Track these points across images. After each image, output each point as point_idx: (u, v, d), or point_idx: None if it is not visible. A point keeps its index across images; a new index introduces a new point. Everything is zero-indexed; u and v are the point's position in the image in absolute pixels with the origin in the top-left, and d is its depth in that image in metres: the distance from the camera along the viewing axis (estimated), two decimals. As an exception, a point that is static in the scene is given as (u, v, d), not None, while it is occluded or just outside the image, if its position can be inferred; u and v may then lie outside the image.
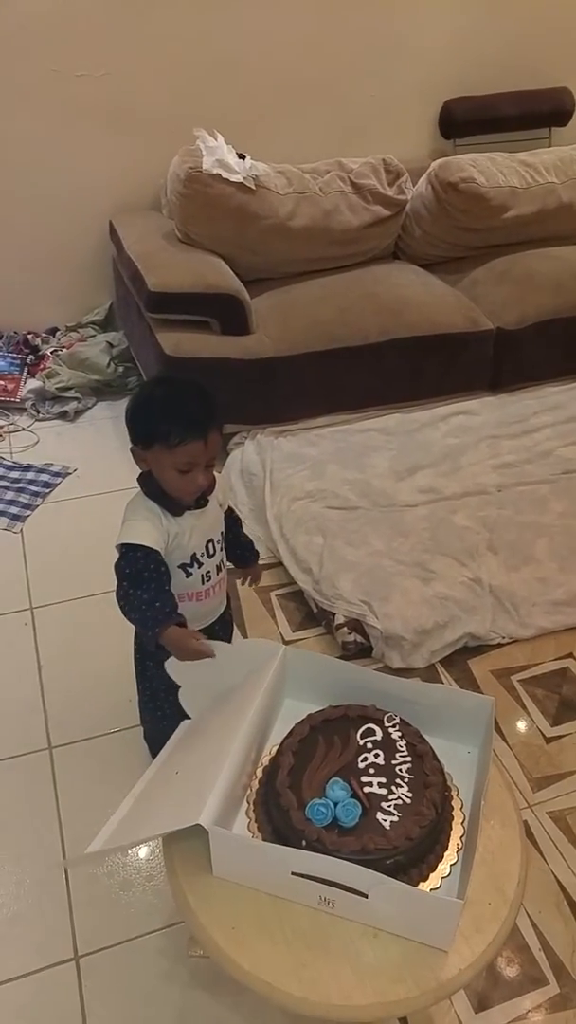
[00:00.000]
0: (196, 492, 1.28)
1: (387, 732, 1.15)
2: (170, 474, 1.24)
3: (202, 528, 1.34)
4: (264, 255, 2.71)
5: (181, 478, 1.24)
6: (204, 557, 1.36)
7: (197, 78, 2.82)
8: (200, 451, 1.22)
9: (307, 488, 2.36)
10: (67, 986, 1.36)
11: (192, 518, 1.32)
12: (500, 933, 1.00)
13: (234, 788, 1.09)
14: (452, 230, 2.91)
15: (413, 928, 0.98)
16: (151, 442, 1.23)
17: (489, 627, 2.00)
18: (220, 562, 1.42)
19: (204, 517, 1.34)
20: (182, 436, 1.20)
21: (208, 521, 1.36)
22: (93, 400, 2.93)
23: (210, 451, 1.24)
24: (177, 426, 1.20)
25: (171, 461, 1.22)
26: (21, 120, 2.70)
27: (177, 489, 1.27)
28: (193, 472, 1.24)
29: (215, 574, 1.41)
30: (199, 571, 1.36)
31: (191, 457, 1.22)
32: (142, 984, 1.38)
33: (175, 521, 1.29)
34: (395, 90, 3.09)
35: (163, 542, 1.28)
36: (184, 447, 1.21)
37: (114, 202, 2.92)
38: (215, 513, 1.38)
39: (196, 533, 1.33)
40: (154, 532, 1.27)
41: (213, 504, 1.36)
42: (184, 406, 1.22)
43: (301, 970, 0.97)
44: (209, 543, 1.37)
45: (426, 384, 2.75)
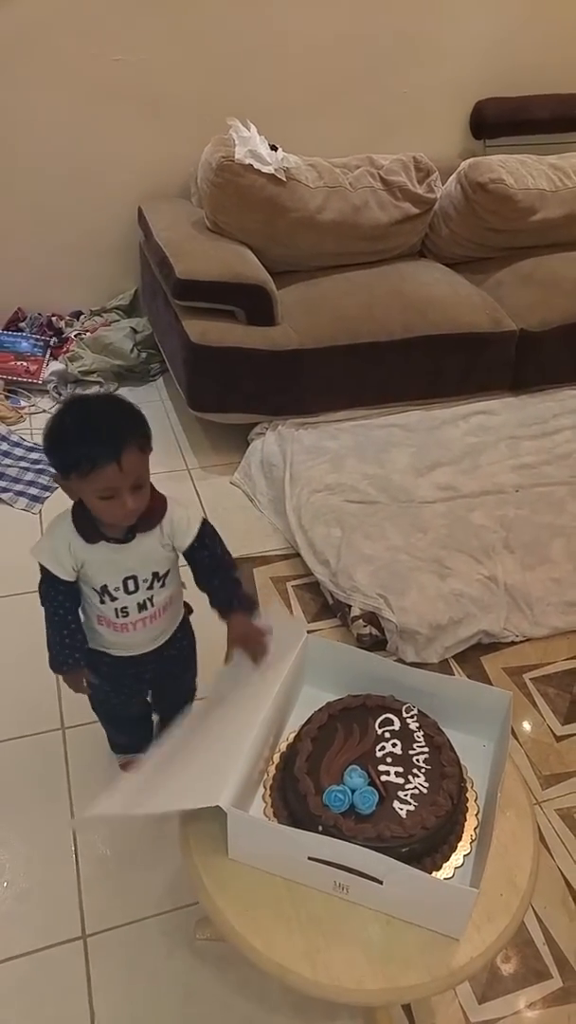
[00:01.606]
0: (129, 516, 1.17)
1: (405, 723, 1.16)
2: (94, 502, 1.15)
3: (119, 563, 1.23)
4: (292, 247, 2.71)
5: (106, 504, 1.14)
6: (119, 592, 1.26)
7: (232, 68, 2.81)
8: (115, 475, 1.11)
9: (327, 481, 2.37)
10: (74, 964, 1.38)
11: (107, 551, 1.21)
12: (511, 924, 1.02)
13: (252, 772, 1.10)
14: (479, 230, 2.91)
15: (426, 916, 0.99)
16: (67, 472, 1.14)
17: (503, 625, 2.01)
18: (148, 600, 1.29)
19: (125, 552, 1.22)
20: (92, 462, 1.10)
21: (132, 557, 1.24)
22: (115, 385, 2.94)
23: (129, 473, 1.12)
24: (85, 451, 1.10)
25: (90, 489, 1.13)
26: (57, 102, 2.70)
27: (107, 515, 1.17)
28: (117, 497, 1.13)
29: (136, 612, 1.29)
30: (112, 604, 1.27)
31: (107, 483, 1.12)
32: (149, 965, 1.39)
33: (86, 548, 1.21)
34: (428, 88, 3.08)
35: (70, 566, 1.22)
36: (97, 473, 1.10)
37: (144, 188, 2.92)
38: (150, 551, 1.25)
39: (108, 567, 1.23)
40: (58, 554, 1.21)
41: (148, 541, 1.24)
42: (91, 429, 1.12)
43: (314, 954, 0.98)
44: (130, 580, 1.25)
45: (448, 382, 2.75)
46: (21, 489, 2.40)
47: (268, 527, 2.38)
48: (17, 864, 1.52)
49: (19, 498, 2.37)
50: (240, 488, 2.54)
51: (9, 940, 1.41)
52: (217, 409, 2.59)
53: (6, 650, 1.92)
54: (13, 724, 1.76)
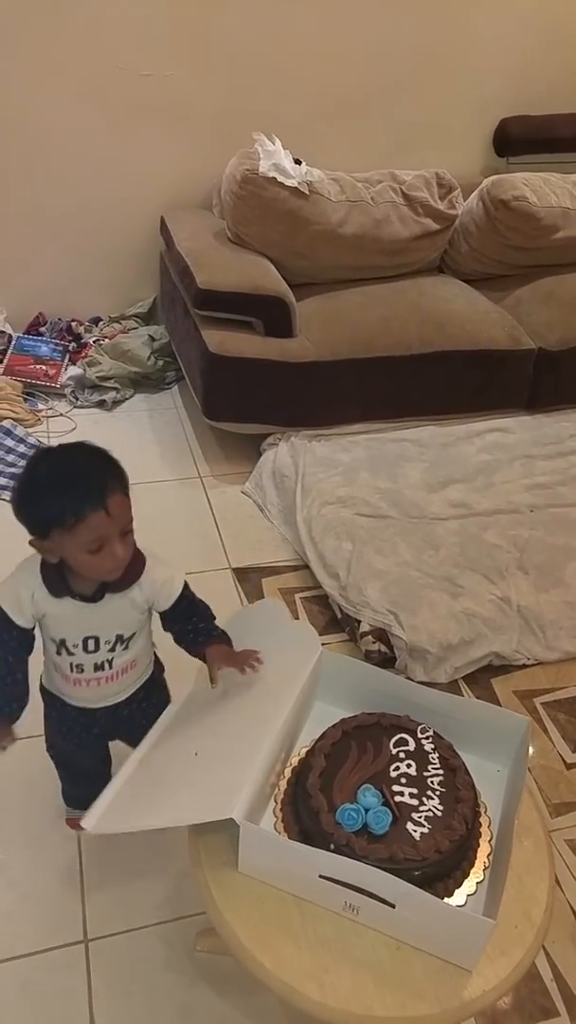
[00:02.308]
0: (119, 567, 1.11)
1: (420, 743, 1.15)
2: (82, 558, 1.07)
3: (82, 622, 1.17)
4: (312, 260, 2.72)
5: (95, 558, 1.07)
6: (77, 649, 1.19)
7: (258, 83, 2.83)
8: (104, 523, 1.04)
9: (338, 494, 2.36)
10: (75, 967, 1.37)
11: (72, 607, 1.15)
12: (525, 959, 1.00)
13: (264, 785, 1.09)
14: (500, 247, 2.91)
15: (438, 944, 0.98)
16: (47, 529, 1.06)
17: (515, 647, 1.99)
18: (107, 661, 1.22)
19: (91, 612, 1.16)
20: (78, 512, 1.03)
21: (98, 617, 1.17)
22: (131, 392, 2.95)
23: (117, 518, 1.06)
24: (69, 502, 1.03)
25: (76, 544, 1.05)
26: (84, 113, 2.72)
27: (96, 570, 1.10)
28: (106, 547, 1.06)
29: (92, 671, 1.22)
30: (68, 658, 1.21)
31: (96, 532, 1.05)
32: (149, 973, 1.38)
33: (50, 601, 1.14)
34: (452, 105, 3.09)
35: (30, 614, 1.15)
36: (84, 524, 1.03)
37: (167, 198, 2.93)
38: (118, 612, 1.18)
39: (70, 624, 1.17)
40: (20, 600, 1.14)
41: (119, 602, 1.17)
42: (72, 476, 1.06)
43: (322, 975, 0.97)
44: (91, 640, 1.19)
45: (463, 398, 2.75)
46: (34, 492, 2.39)
47: (278, 538, 2.37)
48: (21, 865, 1.51)
49: (32, 501, 2.36)
50: (251, 498, 2.53)
51: (12, 940, 1.40)
52: (232, 418, 2.59)
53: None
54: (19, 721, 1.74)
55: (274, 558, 2.30)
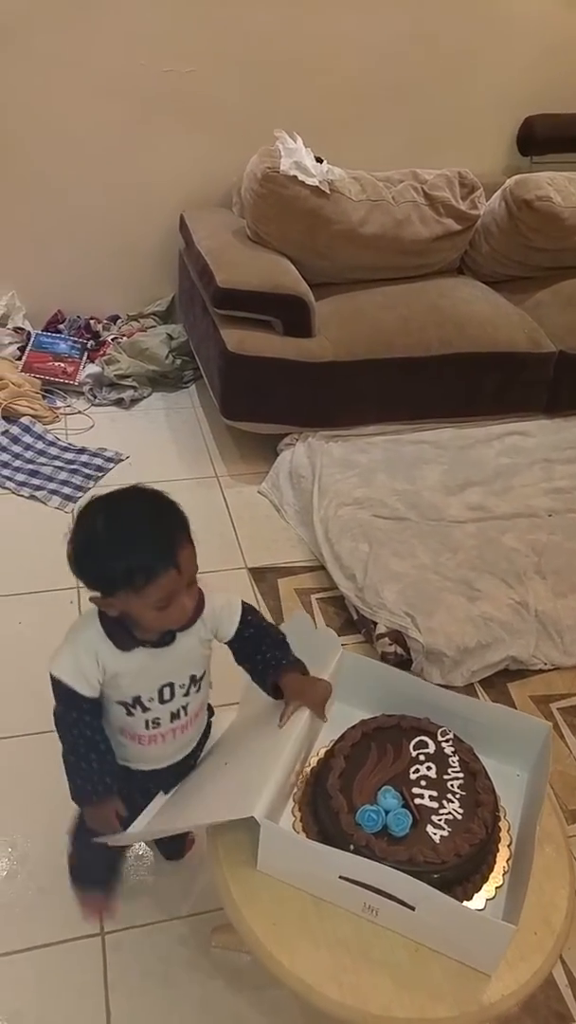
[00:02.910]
0: (185, 619, 1.06)
1: (440, 746, 1.15)
2: (149, 615, 1.02)
3: (157, 670, 1.09)
4: (332, 260, 2.71)
5: (163, 614, 1.02)
6: (153, 703, 1.11)
7: (279, 80, 2.83)
8: (175, 579, 0.99)
9: (355, 495, 2.35)
10: (92, 960, 1.38)
11: (145, 657, 1.07)
12: (545, 965, 0.99)
13: (283, 785, 1.09)
14: (521, 249, 2.89)
15: (458, 947, 0.97)
16: (113, 589, 1.00)
17: (532, 652, 1.98)
18: (182, 708, 1.15)
19: (165, 657, 1.08)
20: (149, 573, 0.97)
21: (171, 662, 1.10)
22: (149, 390, 2.95)
23: (187, 571, 1.01)
24: (138, 563, 0.97)
25: (143, 603, 0.99)
26: (104, 109, 2.72)
27: (162, 625, 1.05)
28: (175, 601, 1.01)
29: (169, 721, 1.14)
30: (143, 715, 1.12)
31: (167, 591, 0.99)
32: (164, 968, 1.38)
33: (119, 658, 1.05)
34: (475, 103, 3.08)
35: (96, 680, 1.06)
36: (155, 584, 0.97)
37: (186, 196, 2.94)
38: (189, 652, 1.11)
39: (145, 676, 1.08)
40: (83, 669, 1.05)
41: (189, 640, 1.10)
42: (139, 534, 0.99)
43: (341, 974, 0.97)
44: (166, 688, 1.11)
45: (482, 401, 2.73)
46: (55, 487, 2.40)
47: (294, 538, 2.37)
48: (40, 858, 1.52)
49: (53, 496, 2.37)
50: (267, 498, 2.53)
51: (30, 931, 1.41)
52: (249, 418, 2.59)
53: (33, 641, 1.91)
54: (36, 719, 1.74)
55: (290, 558, 2.30)
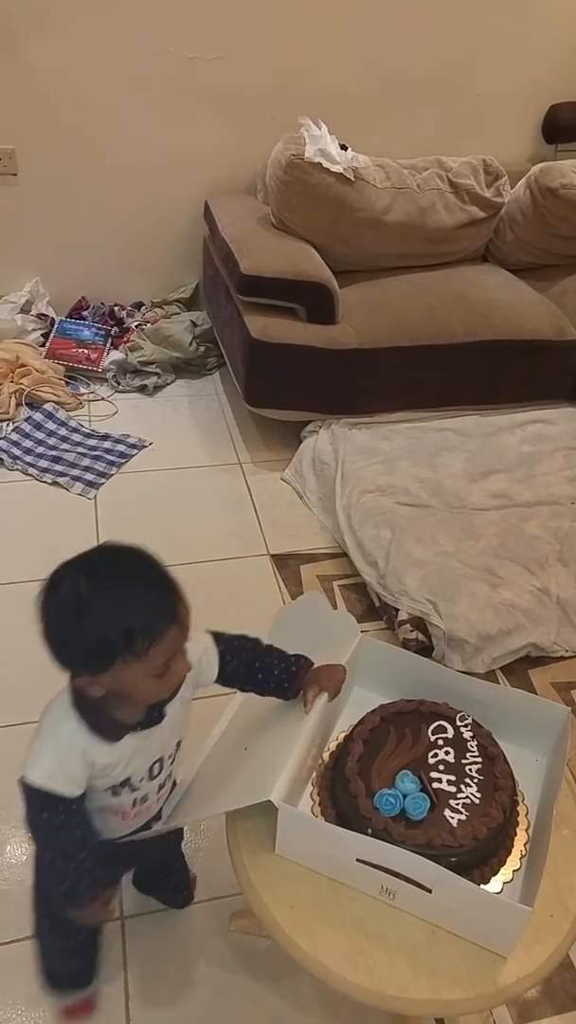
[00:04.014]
0: (180, 683, 0.97)
1: (459, 731, 1.15)
2: (145, 685, 0.91)
3: (149, 749, 1.00)
4: (356, 247, 2.70)
5: (160, 682, 0.91)
6: (143, 782, 1.02)
7: (305, 68, 2.81)
8: (177, 638, 0.90)
9: (378, 482, 2.35)
10: (111, 944, 1.39)
11: (136, 741, 0.97)
12: (561, 947, 0.99)
13: (301, 769, 1.10)
14: (546, 236, 2.86)
15: (474, 930, 0.98)
16: (107, 661, 0.86)
17: (553, 639, 1.98)
18: (168, 776, 1.08)
19: (155, 734, 0.99)
20: (152, 633, 0.86)
21: (162, 736, 1.00)
22: (172, 377, 2.97)
23: (186, 627, 0.91)
24: (140, 622, 0.86)
25: (142, 671, 0.88)
26: (130, 96, 2.73)
27: (158, 695, 0.95)
28: (174, 665, 0.91)
29: (155, 793, 1.07)
30: (131, 795, 1.03)
31: (170, 652, 0.89)
32: (183, 952, 1.40)
33: (108, 750, 0.95)
34: (500, 91, 3.04)
35: (84, 777, 0.95)
36: (159, 646, 0.87)
37: (210, 184, 2.94)
38: (177, 719, 1.02)
39: (138, 758, 0.99)
40: (69, 771, 0.94)
41: (175, 707, 1.00)
42: (133, 589, 0.88)
43: (358, 956, 0.97)
44: (157, 764, 1.03)
45: (506, 389, 2.71)
46: (78, 474, 2.43)
47: (316, 525, 2.38)
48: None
49: (75, 483, 2.39)
50: (290, 485, 2.54)
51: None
52: (273, 405, 2.59)
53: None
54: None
55: (313, 545, 2.31)
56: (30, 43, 2.57)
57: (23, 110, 2.68)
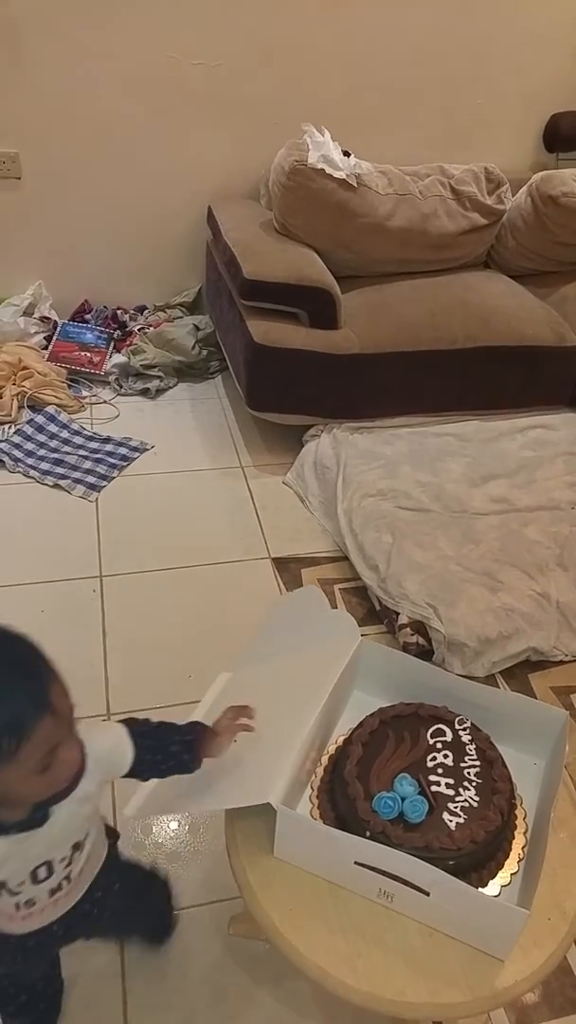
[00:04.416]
0: (73, 771, 0.86)
1: (457, 735, 1.15)
2: (31, 784, 0.81)
3: (26, 853, 0.89)
4: (358, 253, 2.71)
5: (47, 775, 0.82)
6: (23, 886, 0.92)
7: (309, 75, 2.82)
8: (53, 728, 0.79)
9: (379, 486, 2.36)
10: (108, 946, 1.39)
11: (9, 845, 0.86)
12: (558, 951, 1.00)
13: (300, 772, 1.10)
14: (547, 244, 2.87)
15: (472, 933, 0.98)
16: None
17: (553, 643, 1.98)
18: (63, 879, 0.97)
19: (36, 837, 0.88)
20: (20, 729, 0.76)
21: (47, 839, 0.89)
22: (175, 380, 2.97)
23: (64, 713, 0.81)
24: (3, 723, 0.76)
25: (21, 769, 0.78)
26: (134, 101, 2.74)
27: (48, 789, 0.85)
28: (58, 757, 0.81)
29: (47, 897, 0.96)
30: (12, 899, 0.93)
31: (47, 747, 0.79)
32: (181, 955, 1.40)
33: None
34: (502, 99, 3.05)
35: None
36: (31, 741, 0.77)
37: (213, 188, 2.95)
38: (69, 821, 0.91)
39: (12, 862, 0.89)
40: None
41: (67, 807, 0.89)
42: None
43: (356, 959, 0.98)
44: (42, 867, 0.92)
45: (507, 394, 2.72)
46: (79, 476, 2.43)
47: (317, 528, 2.38)
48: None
49: (77, 485, 2.40)
50: (292, 488, 2.54)
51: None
52: (275, 409, 2.60)
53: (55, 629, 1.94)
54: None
55: (314, 549, 2.31)
56: (34, 47, 2.59)
57: (27, 114, 2.69)
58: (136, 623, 2.01)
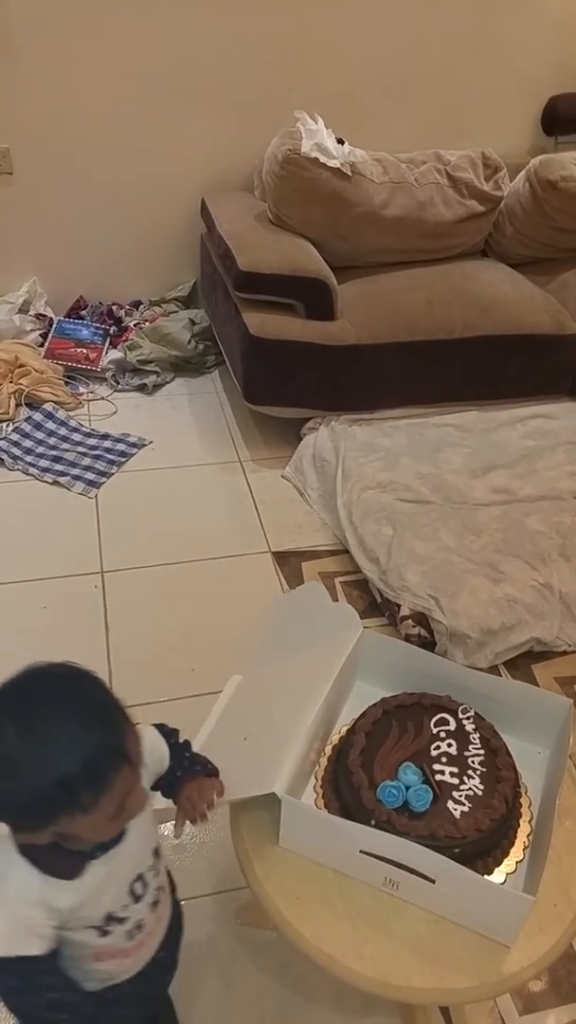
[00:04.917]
0: (140, 811, 0.85)
1: (461, 723, 1.15)
2: (102, 828, 0.81)
3: (119, 872, 0.89)
4: (354, 243, 2.70)
5: (113, 821, 0.81)
6: (127, 909, 0.91)
7: (301, 61, 2.81)
8: (129, 775, 0.79)
9: (379, 478, 2.35)
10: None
11: (101, 868, 0.85)
12: (564, 937, 1.00)
13: (304, 762, 1.10)
14: (546, 230, 2.86)
15: (478, 919, 0.98)
16: (48, 816, 0.76)
17: (556, 633, 1.98)
18: (158, 889, 0.96)
19: (122, 852, 0.87)
20: (98, 782, 0.75)
21: (130, 852, 0.89)
22: (171, 375, 2.97)
23: (137, 759, 0.81)
24: (82, 772, 0.74)
25: (92, 820, 0.77)
26: (124, 92, 2.72)
27: (119, 828, 0.85)
28: (130, 798, 0.81)
29: (150, 913, 0.95)
30: (122, 928, 0.91)
31: (122, 794, 0.79)
32: (189, 944, 1.38)
33: (70, 888, 0.83)
34: (499, 83, 3.04)
35: (50, 930, 0.84)
36: (109, 793, 0.77)
37: (206, 180, 2.93)
38: (142, 826, 0.90)
39: (110, 885, 0.88)
40: (31, 926, 0.82)
41: (140, 817, 0.87)
42: (73, 735, 0.75)
43: (362, 946, 0.98)
44: (136, 883, 0.91)
45: (507, 384, 2.71)
46: (78, 473, 2.43)
47: (317, 522, 2.38)
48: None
49: (76, 482, 2.40)
50: (291, 482, 2.54)
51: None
52: (272, 402, 2.59)
53: (57, 625, 1.95)
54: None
55: (314, 542, 2.31)
56: (24, 40, 2.57)
57: (17, 108, 2.67)
58: (138, 618, 2.01)
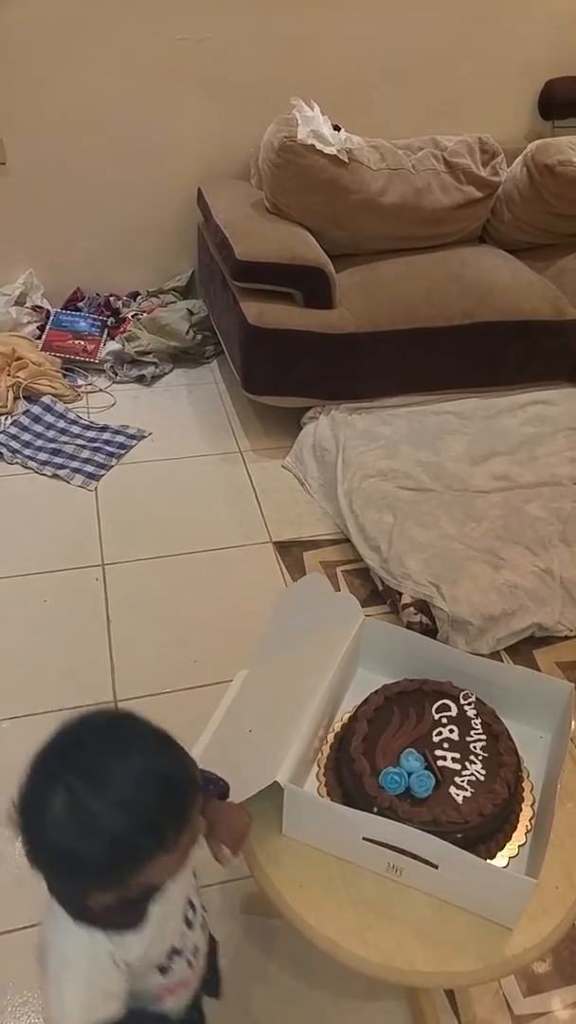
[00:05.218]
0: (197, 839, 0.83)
1: (462, 709, 1.15)
2: (176, 866, 0.79)
3: (174, 901, 0.88)
4: (351, 230, 2.69)
5: (184, 856, 0.80)
6: (184, 938, 0.92)
7: (296, 48, 2.79)
8: (198, 804, 0.78)
9: (379, 467, 2.35)
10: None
11: (159, 905, 0.84)
12: (567, 918, 1.00)
13: (307, 750, 1.10)
14: (543, 215, 2.85)
15: (481, 903, 0.99)
16: (134, 867, 0.73)
17: (557, 619, 1.98)
18: (201, 907, 0.98)
19: (175, 883, 0.86)
20: (180, 818, 0.74)
21: (179, 883, 0.87)
22: (170, 366, 2.96)
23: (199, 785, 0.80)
24: (164, 813, 0.72)
25: (172, 859, 0.76)
26: (118, 81, 2.70)
27: (180, 868, 0.82)
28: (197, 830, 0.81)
29: (200, 935, 0.97)
30: (183, 958, 0.92)
31: (193, 835, 0.78)
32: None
33: (137, 936, 0.82)
34: (495, 68, 3.02)
35: (123, 990, 0.83)
36: (189, 827, 0.76)
37: (202, 169, 2.92)
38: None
39: (170, 918, 0.87)
40: (108, 991, 0.81)
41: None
42: (144, 773, 0.72)
43: (366, 931, 0.98)
44: (188, 908, 0.93)
45: (506, 370, 2.71)
46: (77, 466, 2.43)
47: (318, 511, 2.38)
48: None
49: (75, 475, 2.40)
50: (291, 472, 2.54)
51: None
52: (271, 392, 2.59)
53: (58, 618, 1.95)
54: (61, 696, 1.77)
55: (315, 532, 2.31)
56: (15, 28, 2.55)
57: (9, 97, 2.65)
58: (140, 609, 2.01)
